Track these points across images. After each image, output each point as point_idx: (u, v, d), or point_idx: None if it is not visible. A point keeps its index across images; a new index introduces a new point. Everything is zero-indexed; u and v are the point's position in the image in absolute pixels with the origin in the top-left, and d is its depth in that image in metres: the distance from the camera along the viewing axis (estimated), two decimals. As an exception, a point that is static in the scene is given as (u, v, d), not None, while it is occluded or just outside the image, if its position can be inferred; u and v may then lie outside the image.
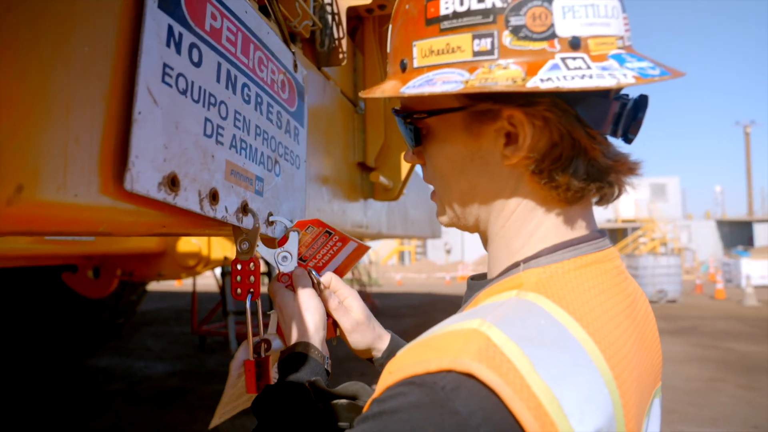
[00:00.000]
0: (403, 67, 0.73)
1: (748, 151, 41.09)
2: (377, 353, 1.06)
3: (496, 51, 0.64)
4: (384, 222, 2.82)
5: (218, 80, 0.93)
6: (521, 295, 0.64)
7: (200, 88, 0.87)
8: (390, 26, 0.78)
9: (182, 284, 18.41)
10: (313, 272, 1.06)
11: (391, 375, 0.59)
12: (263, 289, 1.04)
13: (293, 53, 1.26)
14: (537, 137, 0.67)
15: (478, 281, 0.79)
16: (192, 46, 0.85)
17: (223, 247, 4.79)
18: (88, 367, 6.93)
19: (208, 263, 4.71)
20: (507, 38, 0.64)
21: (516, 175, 0.71)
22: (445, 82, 0.65)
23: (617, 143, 0.73)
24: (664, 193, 36.91)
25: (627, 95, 0.70)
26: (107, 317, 6.06)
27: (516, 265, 0.70)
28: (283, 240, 1.09)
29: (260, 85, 1.09)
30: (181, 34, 0.82)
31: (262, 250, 1.05)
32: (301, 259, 1.12)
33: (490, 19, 0.64)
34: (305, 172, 1.35)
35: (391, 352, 1.05)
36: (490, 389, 0.52)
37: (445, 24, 0.67)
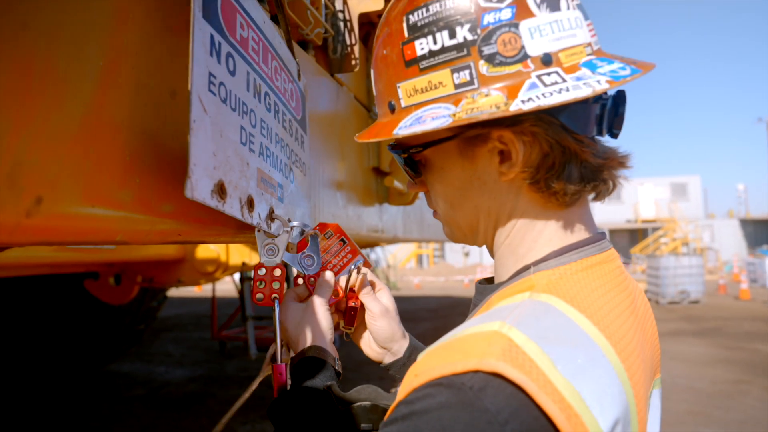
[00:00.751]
0: (392, 109, 0.78)
1: (772, 148, 40.30)
2: (392, 355, 1.06)
3: (475, 80, 0.68)
4: (399, 226, 2.82)
5: (248, 89, 0.94)
6: (534, 296, 0.66)
7: (236, 96, 0.88)
8: (371, 71, 0.82)
9: (202, 290, 18.59)
10: (352, 266, 1.07)
11: (416, 377, 0.61)
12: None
13: (297, 62, 1.28)
14: (528, 151, 0.70)
15: (487, 285, 0.83)
16: (228, 55, 0.86)
17: (241, 253, 4.84)
18: (110, 373, 7.03)
19: (226, 269, 4.76)
20: (483, 67, 0.68)
21: (514, 189, 0.75)
22: (434, 117, 0.69)
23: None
24: (685, 193, 36.35)
25: (605, 95, 0.73)
26: (128, 323, 6.15)
27: (526, 268, 0.73)
28: (303, 244, 1.08)
29: (277, 93, 1.10)
30: (220, 44, 0.83)
31: (285, 255, 1.05)
32: None
33: (464, 52, 0.68)
34: (309, 179, 1.37)
35: (412, 352, 1.05)
36: (517, 386, 0.55)
37: (424, 63, 0.71)
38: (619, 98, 0.73)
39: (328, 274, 1.05)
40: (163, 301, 6.56)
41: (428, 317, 12.47)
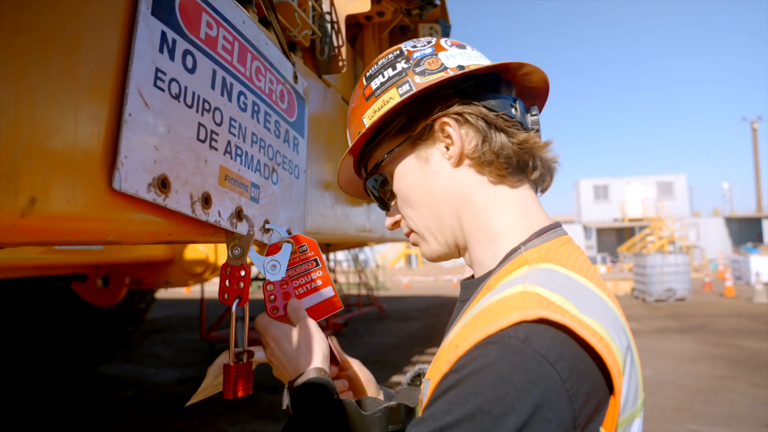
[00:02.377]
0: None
1: (756, 147, 40.82)
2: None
3: (413, 87, 0.89)
4: (388, 226, 2.84)
5: (213, 87, 0.95)
6: (534, 266, 0.77)
7: (194, 93, 0.89)
8: (347, 131, 1.02)
9: (190, 291, 18.50)
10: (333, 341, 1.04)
11: (458, 347, 0.68)
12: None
13: (293, 64, 1.28)
14: (464, 132, 0.87)
15: (474, 279, 0.91)
16: (186, 52, 0.87)
17: (230, 254, 4.81)
18: (99, 375, 6.99)
19: (215, 270, 4.74)
20: (417, 78, 0.90)
21: (465, 172, 0.89)
22: (388, 103, 0.89)
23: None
24: (671, 191, 36.71)
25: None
26: (116, 325, 6.12)
27: (516, 249, 0.83)
28: (275, 249, 1.07)
29: (257, 93, 1.11)
30: (174, 41, 0.84)
31: (252, 255, 1.04)
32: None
33: (403, 74, 0.91)
34: (305, 183, 1.36)
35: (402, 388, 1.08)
36: (558, 328, 0.65)
37: (378, 92, 0.93)
38: (529, 107, 0.93)
39: (295, 302, 1.04)
40: (152, 302, 6.53)
41: (418, 317, 12.50)
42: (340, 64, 1.76)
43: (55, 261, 3.60)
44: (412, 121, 0.90)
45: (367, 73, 0.98)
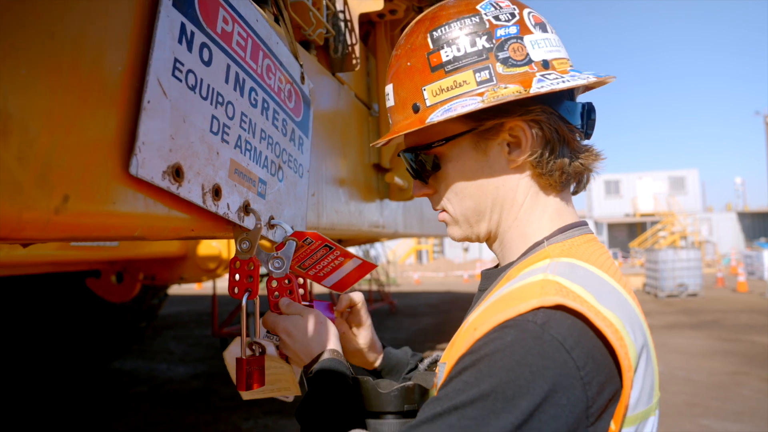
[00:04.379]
0: (416, 109, 0.88)
1: (769, 141, 40.27)
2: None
3: (494, 78, 0.82)
4: (400, 221, 2.86)
5: (227, 81, 0.97)
6: (556, 260, 0.78)
7: (209, 86, 0.91)
8: (390, 85, 0.93)
9: (202, 287, 18.62)
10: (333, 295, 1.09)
11: (476, 330, 0.69)
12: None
13: (301, 65, 1.30)
14: (534, 138, 0.84)
15: (495, 269, 0.92)
16: (203, 45, 0.89)
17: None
18: (113, 370, 7.07)
19: (228, 266, 4.78)
20: (500, 68, 0.82)
21: (520, 174, 0.87)
22: (464, 106, 0.81)
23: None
24: (683, 186, 36.39)
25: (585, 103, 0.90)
26: (130, 321, 6.19)
27: (539, 243, 0.85)
28: (280, 247, 1.09)
29: (267, 91, 1.12)
30: (193, 33, 0.86)
31: (261, 253, 1.06)
32: (301, 267, 1.12)
33: (484, 57, 0.83)
34: (308, 182, 1.38)
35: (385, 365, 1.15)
36: (577, 315, 0.66)
37: (449, 67, 0.84)
38: (590, 107, 0.89)
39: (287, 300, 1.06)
40: (164, 298, 6.59)
41: (429, 312, 12.51)
42: (354, 62, 1.77)
43: (70, 257, 3.65)
44: (484, 113, 0.83)
45: (434, 32, 0.86)
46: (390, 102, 0.93)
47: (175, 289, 14.59)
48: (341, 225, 1.84)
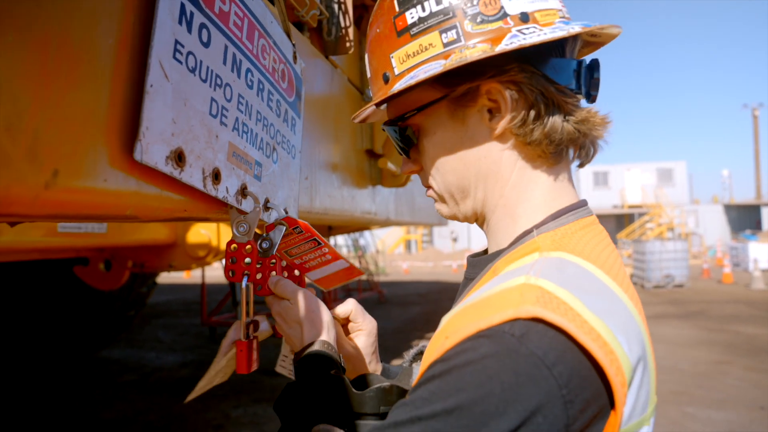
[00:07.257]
0: (386, 80, 0.82)
1: (757, 135, 40.65)
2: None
3: (462, 38, 0.74)
4: (392, 209, 2.85)
5: (224, 62, 0.94)
6: (545, 255, 0.70)
7: (208, 68, 0.89)
8: (366, 55, 0.86)
9: (191, 276, 18.54)
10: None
11: (448, 339, 0.62)
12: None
13: (293, 45, 1.28)
14: (515, 102, 0.74)
15: (482, 257, 0.85)
16: (202, 26, 0.87)
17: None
18: (101, 359, 7.03)
19: (217, 254, 4.76)
20: (468, 25, 0.73)
21: (504, 145, 0.78)
22: (426, 71, 0.74)
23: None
24: (671, 178, 36.67)
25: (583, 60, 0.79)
26: (118, 309, 6.14)
27: (528, 232, 0.76)
28: (269, 229, 1.07)
29: (262, 71, 1.10)
30: (192, 13, 0.84)
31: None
32: (287, 253, 1.11)
33: (450, 15, 0.74)
34: (300, 163, 1.36)
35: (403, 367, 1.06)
36: (557, 329, 0.58)
37: (414, 30, 0.76)
38: (594, 65, 0.78)
39: (284, 280, 1.01)
40: (153, 286, 6.54)
41: (418, 302, 12.56)
42: (347, 45, 1.75)
43: (58, 244, 3.61)
44: (454, 77, 0.75)
45: None
46: (368, 74, 0.87)
47: (163, 278, 14.51)
48: (334, 210, 1.83)
